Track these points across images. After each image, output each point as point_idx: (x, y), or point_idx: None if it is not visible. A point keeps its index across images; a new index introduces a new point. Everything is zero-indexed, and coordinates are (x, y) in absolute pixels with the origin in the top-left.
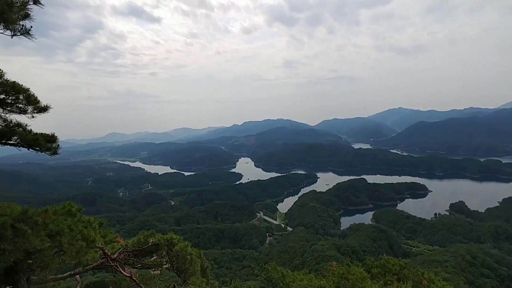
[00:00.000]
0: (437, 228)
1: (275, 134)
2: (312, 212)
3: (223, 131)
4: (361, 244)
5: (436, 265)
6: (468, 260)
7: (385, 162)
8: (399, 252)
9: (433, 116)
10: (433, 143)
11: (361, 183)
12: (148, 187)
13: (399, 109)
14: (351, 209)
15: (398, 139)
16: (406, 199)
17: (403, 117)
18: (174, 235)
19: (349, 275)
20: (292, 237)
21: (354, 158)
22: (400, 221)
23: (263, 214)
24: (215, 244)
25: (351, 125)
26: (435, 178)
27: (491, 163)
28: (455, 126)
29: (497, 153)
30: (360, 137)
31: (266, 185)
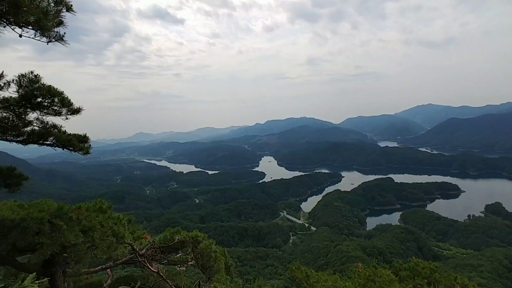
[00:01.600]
0: (471, 231)
1: (298, 133)
2: (336, 212)
3: (246, 130)
4: (388, 245)
5: (470, 269)
6: (505, 265)
7: (413, 161)
8: (429, 254)
9: (466, 113)
10: (466, 141)
11: (388, 182)
12: (174, 185)
13: (429, 106)
14: (377, 209)
15: (428, 137)
16: (437, 199)
17: (432, 114)
18: (199, 233)
19: (375, 277)
20: (316, 236)
21: (380, 156)
22: (430, 223)
23: (286, 213)
24: (239, 242)
25: (376, 123)
26: (468, 177)
27: None
28: (490, 122)
29: None
30: (386, 135)
31: (290, 184)
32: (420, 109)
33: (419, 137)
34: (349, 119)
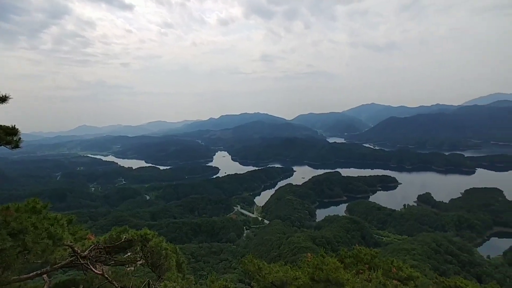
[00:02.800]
0: (406, 219)
1: (252, 128)
2: (288, 205)
3: (199, 124)
4: (335, 235)
5: (404, 253)
6: (433, 248)
7: (358, 156)
8: (371, 242)
9: (403, 112)
10: (403, 138)
11: (336, 176)
12: (122, 181)
13: (372, 105)
14: (326, 201)
15: (371, 134)
16: (378, 191)
17: (375, 112)
18: (148, 231)
19: (323, 265)
20: (269, 229)
21: (329, 152)
22: (372, 213)
23: (240, 208)
24: (192, 238)
25: (326, 120)
26: (404, 171)
27: (455, 157)
28: (423, 122)
29: (460, 147)
30: (334, 132)
31: (243, 178)
32: (364, 108)
33: (364, 134)
34: (301, 116)
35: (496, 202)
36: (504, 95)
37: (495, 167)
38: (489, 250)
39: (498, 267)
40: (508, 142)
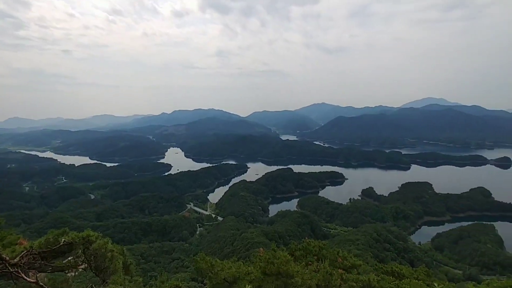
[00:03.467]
0: (351, 212)
1: (207, 124)
2: (242, 201)
3: (151, 119)
4: (287, 229)
5: (350, 243)
6: (374, 238)
7: (309, 153)
8: (320, 234)
9: (350, 112)
10: (350, 136)
11: (288, 172)
12: (63, 180)
13: (322, 105)
14: (279, 197)
15: (321, 132)
16: (327, 186)
17: (325, 112)
18: (91, 232)
19: (274, 259)
20: (222, 226)
21: (282, 149)
22: (321, 207)
23: (193, 205)
24: (142, 238)
25: (280, 118)
26: (350, 167)
27: (394, 154)
28: (367, 121)
29: (398, 145)
30: (287, 129)
31: (197, 175)
32: (315, 107)
33: (314, 132)
34: (256, 113)
35: (426, 194)
36: (434, 99)
37: (426, 164)
38: (420, 237)
39: (427, 252)
40: (437, 142)
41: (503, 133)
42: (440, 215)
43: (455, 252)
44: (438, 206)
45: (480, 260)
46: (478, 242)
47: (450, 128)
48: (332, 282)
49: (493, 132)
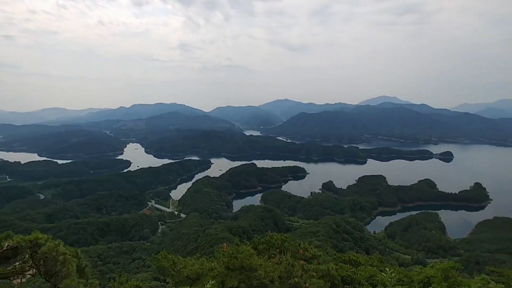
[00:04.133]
0: (312, 204)
1: (168, 119)
2: (205, 197)
3: (108, 113)
4: (251, 224)
5: (311, 235)
6: (334, 229)
7: (272, 148)
8: (282, 227)
9: (312, 109)
10: (311, 132)
11: (252, 167)
12: (6, 179)
13: (285, 101)
14: (243, 192)
15: (284, 128)
16: (289, 181)
17: (288, 108)
18: (40, 234)
19: (238, 253)
20: (185, 223)
21: (245, 144)
22: (284, 201)
23: (154, 203)
24: (100, 239)
25: (243, 113)
26: (312, 162)
27: (352, 149)
28: (327, 118)
29: (356, 141)
30: (251, 125)
31: (158, 172)
32: (279, 103)
33: (277, 128)
34: (219, 108)
35: (380, 187)
36: (388, 98)
37: (381, 158)
38: (375, 227)
39: (381, 240)
40: (390, 137)
41: (447, 129)
42: (393, 206)
43: (405, 239)
44: (391, 197)
45: (426, 245)
46: (425, 229)
47: (402, 124)
48: (293, 273)
49: (438, 128)
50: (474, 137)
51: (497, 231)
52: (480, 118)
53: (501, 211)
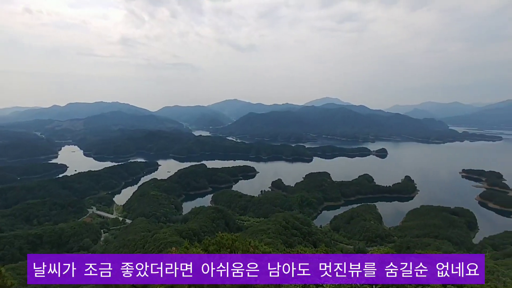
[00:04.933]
0: (263, 203)
1: (110, 119)
2: (153, 201)
3: (38, 112)
4: (201, 226)
5: (262, 233)
6: (283, 225)
7: (222, 148)
8: (234, 227)
9: (260, 109)
10: (260, 132)
11: (201, 168)
12: None
13: (235, 101)
14: (192, 193)
15: (233, 128)
16: (240, 180)
17: (237, 108)
18: None
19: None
20: (131, 229)
21: (194, 145)
22: (234, 200)
23: (96, 209)
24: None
25: (192, 113)
26: (261, 161)
27: (299, 148)
28: (276, 118)
29: (302, 140)
30: (200, 125)
31: (100, 176)
32: (228, 103)
33: (227, 128)
34: (166, 108)
35: (325, 183)
36: (331, 99)
37: (325, 156)
38: (321, 221)
39: (326, 233)
40: (333, 136)
41: (382, 128)
42: (336, 200)
43: (348, 231)
44: (335, 192)
45: (366, 235)
46: (364, 220)
47: (343, 124)
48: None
49: (375, 127)
50: (404, 135)
51: (423, 218)
52: (408, 118)
53: (426, 200)
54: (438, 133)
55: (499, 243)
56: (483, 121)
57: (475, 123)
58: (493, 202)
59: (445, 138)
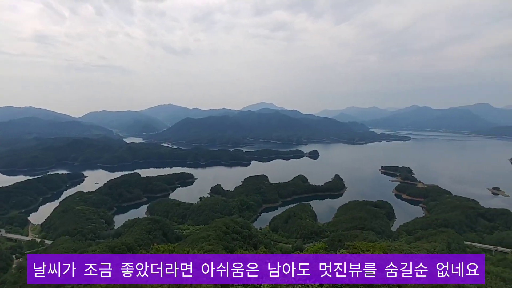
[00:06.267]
0: (202, 210)
1: (23, 126)
2: (79, 217)
3: None
4: (136, 239)
5: (202, 240)
6: (224, 231)
7: (157, 155)
8: (172, 237)
9: (197, 114)
10: (197, 137)
11: (135, 177)
12: None
13: (170, 106)
14: (125, 205)
15: (169, 134)
16: (177, 188)
17: (173, 113)
18: None
19: None
20: (53, 250)
21: (126, 153)
22: (172, 209)
23: (5, 232)
24: None
25: (123, 119)
26: (199, 167)
27: (237, 152)
28: (213, 123)
29: (240, 144)
30: (132, 131)
31: (10, 193)
32: (162, 108)
33: (162, 134)
34: (92, 113)
35: (263, 185)
36: (266, 104)
37: (262, 159)
38: (261, 223)
39: (266, 234)
40: (270, 139)
41: (313, 131)
42: (275, 202)
43: (286, 230)
44: (273, 194)
45: (302, 232)
46: (301, 219)
47: (278, 128)
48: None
49: (307, 131)
50: (333, 137)
51: (351, 212)
52: (336, 122)
53: (353, 196)
54: (361, 135)
55: (412, 228)
56: (395, 123)
57: (389, 125)
58: (406, 193)
59: (367, 139)
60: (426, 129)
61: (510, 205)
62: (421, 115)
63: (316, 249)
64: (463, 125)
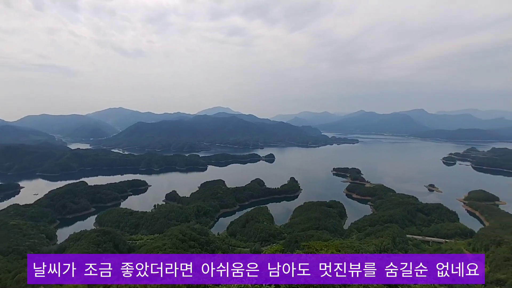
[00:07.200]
0: (157, 218)
1: None
2: (14, 233)
3: None
4: (83, 253)
5: (157, 250)
6: (180, 238)
7: (106, 162)
8: (124, 249)
9: (150, 118)
10: (150, 142)
11: (81, 187)
12: None
13: (120, 109)
14: (70, 217)
15: (120, 139)
16: (129, 196)
17: (123, 117)
18: None
19: None
20: None
21: (71, 160)
22: (124, 219)
23: None
24: None
25: (66, 123)
26: (153, 173)
27: (193, 157)
28: (167, 127)
29: (196, 149)
30: (78, 137)
31: None
32: (112, 112)
33: (112, 139)
34: (30, 117)
35: (220, 190)
36: (222, 108)
37: (219, 163)
38: (219, 228)
39: (224, 239)
40: (226, 144)
41: (269, 135)
42: (232, 206)
43: (244, 234)
44: (230, 199)
45: (260, 235)
46: (258, 222)
47: (235, 132)
48: None
49: (263, 135)
50: (288, 141)
51: (307, 213)
52: (290, 126)
53: (308, 197)
54: (314, 138)
55: (361, 226)
56: (345, 127)
57: (339, 129)
58: (356, 193)
59: (319, 143)
60: (372, 133)
61: (443, 200)
62: (368, 119)
63: (273, 251)
64: (403, 129)
